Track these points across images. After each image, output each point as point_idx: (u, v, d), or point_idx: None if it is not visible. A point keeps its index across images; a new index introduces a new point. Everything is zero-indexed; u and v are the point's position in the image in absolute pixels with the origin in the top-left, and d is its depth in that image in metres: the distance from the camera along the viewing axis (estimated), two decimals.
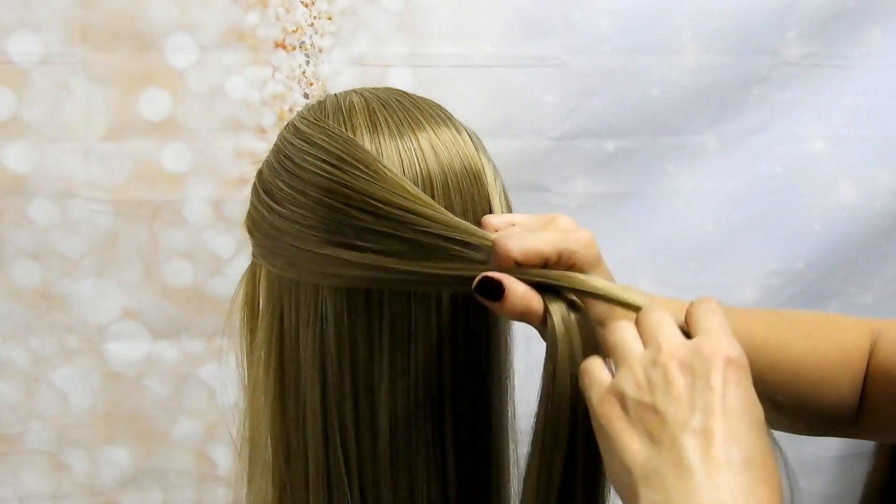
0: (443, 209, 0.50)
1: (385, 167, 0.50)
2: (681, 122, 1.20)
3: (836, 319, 0.70)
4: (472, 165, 0.54)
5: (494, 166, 0.57)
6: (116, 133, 1.09)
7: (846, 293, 1.28)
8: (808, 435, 0.73)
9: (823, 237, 1.25)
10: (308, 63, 1.12)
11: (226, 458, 1.19)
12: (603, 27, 1.15)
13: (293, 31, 1.11)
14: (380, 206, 0.50)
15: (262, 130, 1.12)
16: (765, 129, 1.22)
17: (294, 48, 1.11)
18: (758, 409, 0.44)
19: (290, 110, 1.12)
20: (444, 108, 0.57)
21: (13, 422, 1.14)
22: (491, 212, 0.54)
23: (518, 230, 0.51)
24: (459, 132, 0.55)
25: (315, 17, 1.11)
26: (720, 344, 0.44)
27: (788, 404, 0.65)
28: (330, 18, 1.12)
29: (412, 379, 0.52)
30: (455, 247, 0.50)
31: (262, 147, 1.11)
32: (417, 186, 0.51)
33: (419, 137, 0.53)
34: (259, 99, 1.11)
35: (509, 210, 0.56)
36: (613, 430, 0.44)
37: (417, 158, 0.52)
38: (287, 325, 0.54)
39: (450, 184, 0.52)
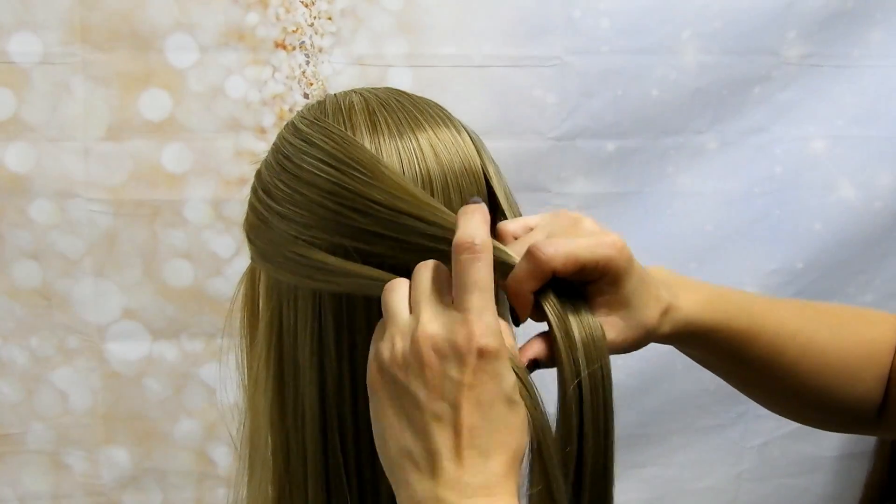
0: (443, 210, 0.50)
1: (384, 169, 0.50)
2: (681, 122, 1.20)
3: (864, 313, 0.70)
4: (472, 165, 0.54)
5: (497, 166, 0.57)
6: (116, 133, 1.09)
7: (846, 293, 1.28)
8: (836, 430, 0.73)
9: (823, 237, 1.25)
10: (308, 63, 1.12)
11: (226, 458, 1.19)
12: (603, 27, 1.15)
13: (293, 31, 1.11)
14: (378, 208, 0.50)
15: (262, 130, 1.12)
16: (765, 129, 1.22)
17: (294, 48, 1.11)
18: (506, 398, 0.45)
19: (290, 110, 1.12)
20: (444, 108, 0.57)
21: (13, 422, 1.14)
22: (493, 212, 0.54)
23: (558, 238, 0.50)
24: (459, 132, 0.55)
25: (315, 17, 1.11)
26: (474, 331, 0.45)
27: (814, 396, 0.65)
28: (330, 18, 1.12)
29: None
30: None
31: (262, 147, 1.11)
32: (417, 186, 0.51)
33: (419, 137, 0.53)
34: (259, 99, 1.11)
35: (514, 210, 0.56)
36: (377, 399, 0.47)
37: (417, 158, 0.52)
38: (286, 325, 0.54)
39: (449, 184, 0.52)
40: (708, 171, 1.22)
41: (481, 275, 0.46)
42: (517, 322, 0.51)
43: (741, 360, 0.62)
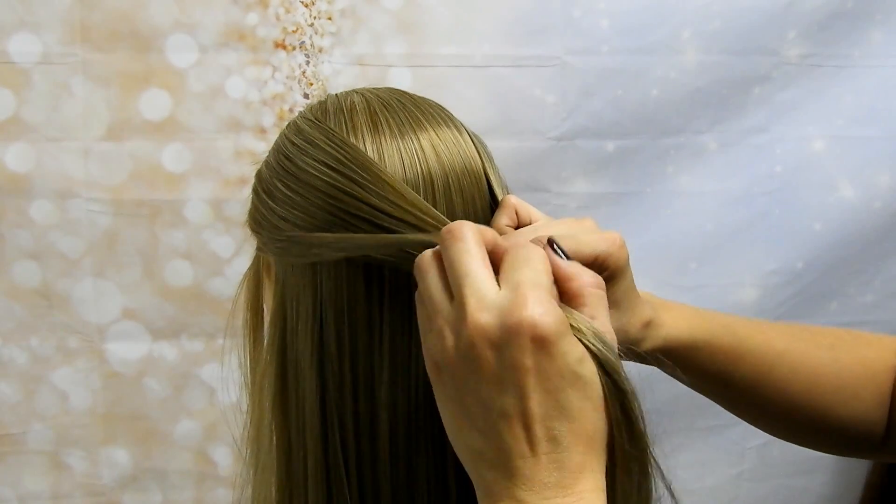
0: (442, 218, 0.50)
1: (384, 173, 0.50)
2: (681, 122, 1.20)
3: (860, 335, 0.69)
4: (474, 165, 0.54)
5: (497, 167, 0.57)
6: (116, 133, 1.09)
7: (846, 293, 1.28)
8: (837, 453, 0.71)
9: (823, 237, 1.25)
10: (308, 63, 1.12)
11: (226, 458, 1.19)
12: (603, 27, 1.15)
13: (293, 31, 1.11)
14: (377, 213, 0.50)
15: (262, 130, 1.12)
16: (765, 129, 1.22)
17: (294, 48, 1.11)
18: (575, 374, 0.42)
19: (290, 110, 1.12)
20: (445, 109, 0.57)
21: (13, 422, 1.14)
22: (492, 212, 0.54)
23: (569, 236, 0.49)
24: (461, 132, 0.55)
25: (315, 17, 1.11)
26: (525, 311, 0.41)
27: (810, 416, 0.64)
28: (330, 18, 1.12)
29: (412, 379, 0.52)
30: None
31: (262, 147, 1.11)
32: (419, 186, 0.51)
33: (420, 138, 0.53)
34: (259, 99, 1.11)
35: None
36: (438, 395, 0.45)
37: (418, 159, 0.52)
38: (289, 325, 0.54)
39: (451, 184, 0.52)
40: (708, 171, 1.22)
41: (528, 251, 0.44)
42: None
43: (728, 381, 0.62)
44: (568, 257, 0.46)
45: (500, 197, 0.55)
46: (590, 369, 0.43)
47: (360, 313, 0.52)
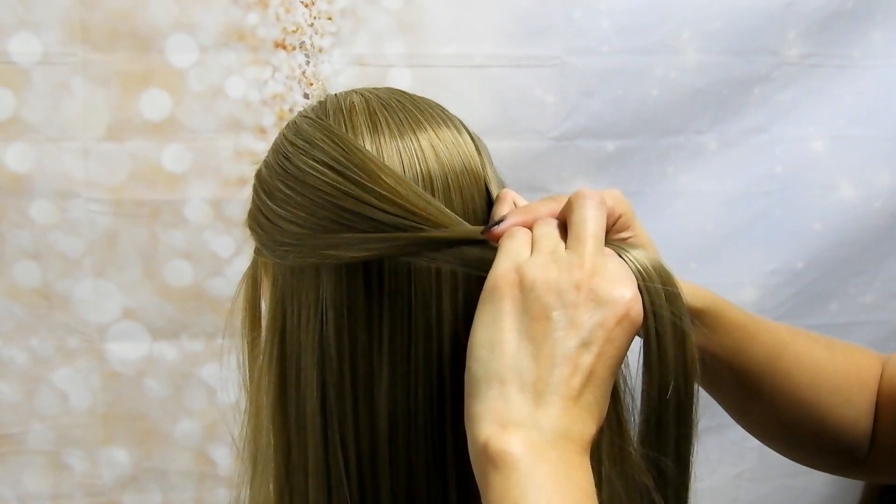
0: (445, 216, 0.50)
1: (385, 174, 0.50)
2: (681, 122, 1.20)
3: (850, 344, 0.70)
4: (473, 165, 0.54)
5: (495, 167, 0.57)
6: (116, 133, 1.09)
7: (846, 293, 1.28)
8: (824, 467, 0.71)
9: (823, 237, 1.25)
10: (308, 63, 1.12)
11: (226, 458, 1.19)
12: (603, 27, 1.15)
13: (293, 31, 1.11)
14: (377, 213, 0.50)
15: (262, 130, 1.12)
16: (765, 129, 1.22)
17: (294, 48, 1.11)
18: (616, 364, 0.46)
19: (290, 110, 1.12)
20: (444, 109, 0.57)
21: (13, 422, 1.14)
22: (489, 211, 0.54)
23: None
24: (460, 132, 0.55)
25: (315, 17, 1.11)
26: (630, 295, 0.45)
27: (812, 414, 0.64)
28: (330, 18, 1.12)
29: (412, 379, 0.52)
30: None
31: (262, 147, 1.11)
32: (417, 186, 0.51)
33: (420, 138, 0.53)
34: (259, 99, 1.11)
35: None
36: (500, 308, 0.46)
37: (418, 158, 0.52)
38: (288, 325, 0.54)
39: (450, 184, 0.52)
40: (708, 171, 1.22)
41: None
42: None
43: (742, 362, 0.62)
44: None
45: (494, 195, 0.55)
46: None
47: (360, 313, 0.52)
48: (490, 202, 0.55)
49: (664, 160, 1.21)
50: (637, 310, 0.46)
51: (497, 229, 0.50)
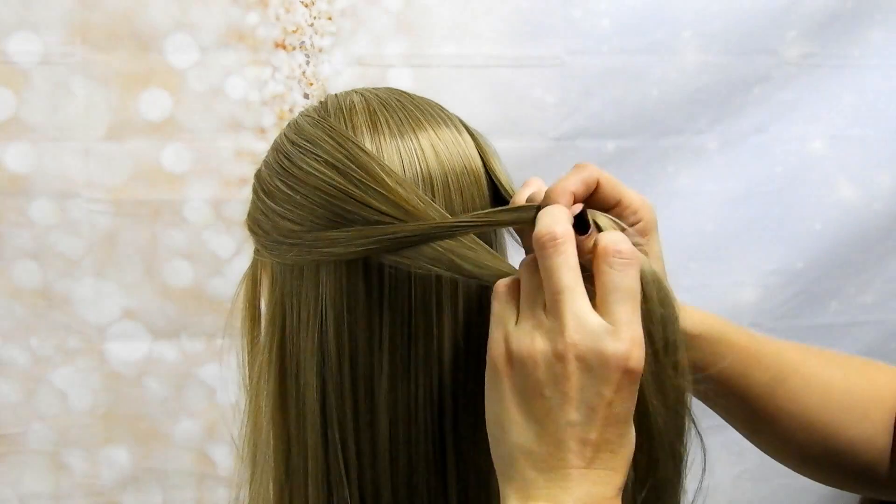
0: (443, 218, 0.50)
1: (386, 174, 0.50)
2: (681, 122, 1.20)
3: (868, 360, 0.69)
4: (473, 165, 0.54)
5: (501, 162, 0.57)
6: (116, 133, 1.09)
7: (846, 293, 1.28)
8: (842, 486, 0.70)
9: (823, 237, 1.25)
10: (308, 63, 1.12)
11: (226, 458, 1.19)
12: (603, 27, 1.15)
13: (293, 31, 1.11)
14: (376, 215, 0.50)
15: (262, 130, 1.12)
16: (765, 129, 1.22)
17: (294, 48, 1.11)
18: (631, 412, 0.45)
19: (290, 110, 1.12)
20: (444, 108, 0.57)
21: (13, 422, 1.14)
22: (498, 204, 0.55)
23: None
24: (460, 132, 0.55)
25: (315, 17, 1.11)
26: (623, 348, 0.43)
27: (822, 433, 0.63)
28: (330, 18, 1.12)
29: (412, 379, 0.52)
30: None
31: (262, 147, 1.11)
32: (418, 186, 0.51)
33: (420, 137, 0.53)
34: (259, 99, 1.11)
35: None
36: (500, 386, 0.46)
37: (418, 158, 0.52)
38: (288, 325, 0.54)
39: (450, 184, 0.52)
40: (708, 171, 1.22)
41: (633, 283, 0.45)
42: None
43: (746, 386, 0.61)
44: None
45: (508, 190, 0.55)
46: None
47: (360, 313, 0.52)
48: (497, 195, 0.55)
49: (664, 160, 1.21)
50: (636, 356, 0.44)
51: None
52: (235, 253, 1.14)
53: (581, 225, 0.48)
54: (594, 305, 0.45)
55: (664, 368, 0.47)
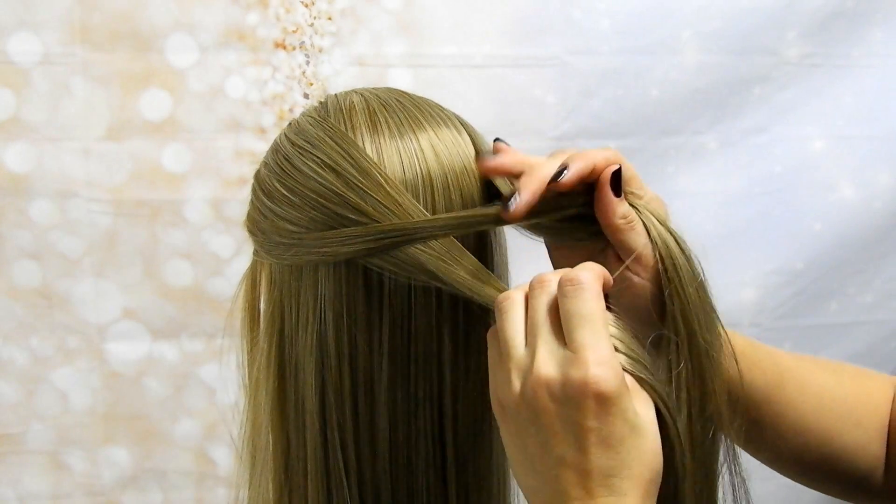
0: (437, 225, 0.50)
1: (384, 176, 0.50)
2: (681, 122, 1.20)
3: (860, 368, 0.69)
4: (473, 165, 0.54)
5: None
6: (116, 133, 1.09)
7: (846, 293, 1.28)
8: (839, 494, 0.70)
9: (823, 237, 1.25)
10: (308, 63, 1.12)
11: (226, 458, 1.19)
12: (603, 27, 1.15)
13: (293, 31, 1.11)
14: (374, 216, 0.50)
15: (262, 130, 1.12)
16: (765, 129, 1.22)
17: (294, 48, 1.11)
18: (633, 426, 0.44)
19: (290, 110, 1.12)
20: (444, 109, 0.57)
21: (13, 422, 1.14)
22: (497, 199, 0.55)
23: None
24: (460, 132, 0.55)
25: (315, 17, 1.11)
26: (589, 373, 0.43)
27: (817, 439, 0.64)
28: (330, 18, 1.12)
29: (412, 379, 0.52)
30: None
31: (262, 147, 1.11)
32: (418, 186, 0.51)
33: (419, 137, 0.53)
34: (259, 99, 1.11)
35: None
36: (501, 423, 0.47)
37: (418, 158, 0.52)
38: (287, 325, 0.54)
39: (450, 184, 0.52)
40: (708, 171, 1.22)
41: (589, 306, 0.45)
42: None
43: (743, 392, 0.61)
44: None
45: (507, 189, 0.55)
46: (649, 417, 0.45)
47: (359, 313, 0.52)
48: (491, 194, 0.55)
49: (664, 160, 1.21)
50: (604, 377, 0.43)
51: (516, 208, 0.51)
52: (235, 253, 1.14)
53: (616, 186, 0.54)
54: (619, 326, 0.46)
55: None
